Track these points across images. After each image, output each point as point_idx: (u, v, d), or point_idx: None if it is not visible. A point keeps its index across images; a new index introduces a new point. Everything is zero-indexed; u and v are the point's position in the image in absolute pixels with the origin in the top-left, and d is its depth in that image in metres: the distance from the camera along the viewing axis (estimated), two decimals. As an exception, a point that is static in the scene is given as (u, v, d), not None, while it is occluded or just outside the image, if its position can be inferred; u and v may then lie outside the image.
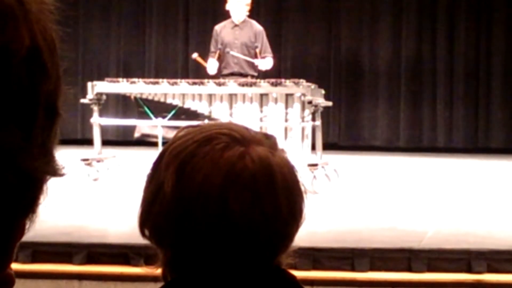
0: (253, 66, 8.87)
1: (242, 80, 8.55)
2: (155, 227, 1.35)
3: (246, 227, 1.30)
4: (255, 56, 8.85)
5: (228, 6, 8.87)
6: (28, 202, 0.68)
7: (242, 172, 1.29)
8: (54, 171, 0.69)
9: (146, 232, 1.36)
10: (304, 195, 1.37)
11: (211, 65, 8.93)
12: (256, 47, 8.84)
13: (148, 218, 1.36)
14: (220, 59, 8.95)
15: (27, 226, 0.70)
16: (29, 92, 0.65)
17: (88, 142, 8.73)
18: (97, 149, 8.83)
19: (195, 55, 9.23)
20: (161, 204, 1.33)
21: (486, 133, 12.57)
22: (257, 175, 1.30)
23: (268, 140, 1.36)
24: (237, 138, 1.33)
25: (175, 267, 1.36)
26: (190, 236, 1.32)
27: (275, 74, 9.06)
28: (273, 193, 1.31)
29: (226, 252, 1.31)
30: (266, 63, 8.86)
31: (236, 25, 8.88)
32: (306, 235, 5.49)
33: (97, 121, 8.83)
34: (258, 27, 8.95)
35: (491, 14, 12.49)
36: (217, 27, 9.04)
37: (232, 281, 1.32)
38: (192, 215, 1.30)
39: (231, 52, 8.81)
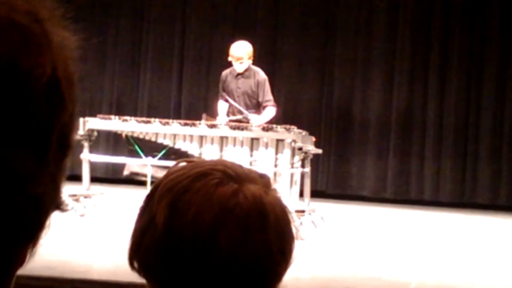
0: (256, 113, 8.78)
1: (234, 123, 8.57)
2: (144, 260, 1.36)
3: (236, 264, 1.31)
4: (258, 106, 8.77)
5: (230, 58, 8.79)
6: (32, 230, 0.68)
7: (234, 209, 1.31)
8: (60, 204, 0.70)
9: (135, 264, 1.37)
10: (295, 236, 1.38)
11: (221, 115, 8.83)
12: (258, 96, 8.76)
13: (138, 250, 1.36)
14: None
15: (27, 257, 0.70)
16: (46, 120, 0.66)
17: (77, 178, 8.72)
18: (85, 185, 8.82)
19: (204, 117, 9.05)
20: (152, 237, 1.34)
21: (472, 189, 12.61)
22: (249, 213, 1.31)
23: (262, 179, 1.38)
24: (231, 175, 1.35)
25: (163, 301, 1.37)
26: (178, 270, 1.33)
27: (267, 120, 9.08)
28: (265, 231, 1.32)
29: None
30: (262, 117, 8.71)
31: (239, 74, 8.79)
32: (291, 280, 5.49)
33: (87, 157, 8.83)
34: (261, 76, 8.80)
35: (482, 70, 12.60)
36: (224, 74, 8.94)
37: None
38: (182, 250, 1.31)
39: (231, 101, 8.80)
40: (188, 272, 1.32)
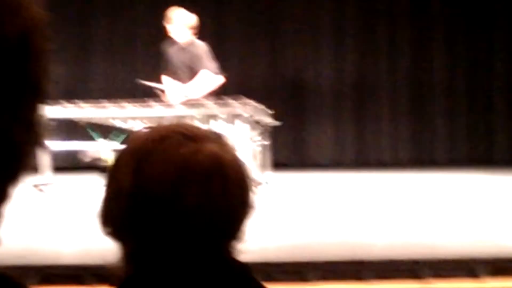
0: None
1: (191, 102, 8.58)
2: (115, 224, 1.44)
3: (200, 219, 1.39)
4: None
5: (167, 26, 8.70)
6: (14, 169, 0.75)
7: (195, 168, 1.39)
8: (36, 140, 0.77)
9: (107, 229, 1.45)
10: (253, 188, 1.47)
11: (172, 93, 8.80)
12: (199, 70, 8.69)
13: (109, 215, 1.44)
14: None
15: (10, 195, 0.77)
16: (18, 75, 0.71)
17: (37, 168, 8.70)
18: (47, 174, 8.82)
19: (139, 81, 9.11)
20: (120, 201, 1.41)
21: (430, 147, 12.80)
22: (209, 170, 1.39)
23: (219, 138, 1.46)
24: (190, 136, 1.43)
25: (135, 261, 1.44)
26: (148, 230, 1.40)
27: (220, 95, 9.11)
28: (225, 187, 1.41)
29: (182, 243, 1.41)
30: (199, 89, 8.61)
31: (181, 46, 8.72)
32: (258, 251, 5.57)
33: (46, 146, 8.81)
34: (200, 48, 8.65)
35: (432, 27, 12.76)
36: (165, 46, 8.89)
37: (188, 270, 1.41)
38: (149, 210, 1.39)
39: (140, 81, 8.84)
40: (156, 231, 1.40)
